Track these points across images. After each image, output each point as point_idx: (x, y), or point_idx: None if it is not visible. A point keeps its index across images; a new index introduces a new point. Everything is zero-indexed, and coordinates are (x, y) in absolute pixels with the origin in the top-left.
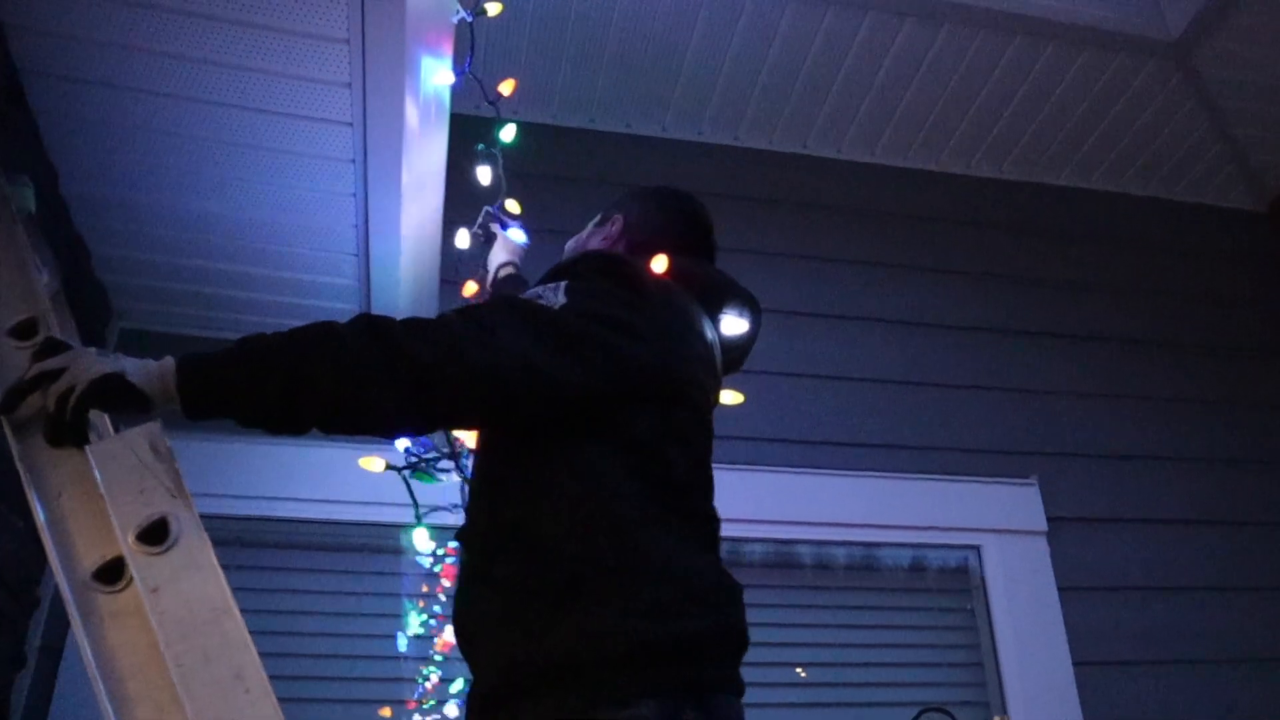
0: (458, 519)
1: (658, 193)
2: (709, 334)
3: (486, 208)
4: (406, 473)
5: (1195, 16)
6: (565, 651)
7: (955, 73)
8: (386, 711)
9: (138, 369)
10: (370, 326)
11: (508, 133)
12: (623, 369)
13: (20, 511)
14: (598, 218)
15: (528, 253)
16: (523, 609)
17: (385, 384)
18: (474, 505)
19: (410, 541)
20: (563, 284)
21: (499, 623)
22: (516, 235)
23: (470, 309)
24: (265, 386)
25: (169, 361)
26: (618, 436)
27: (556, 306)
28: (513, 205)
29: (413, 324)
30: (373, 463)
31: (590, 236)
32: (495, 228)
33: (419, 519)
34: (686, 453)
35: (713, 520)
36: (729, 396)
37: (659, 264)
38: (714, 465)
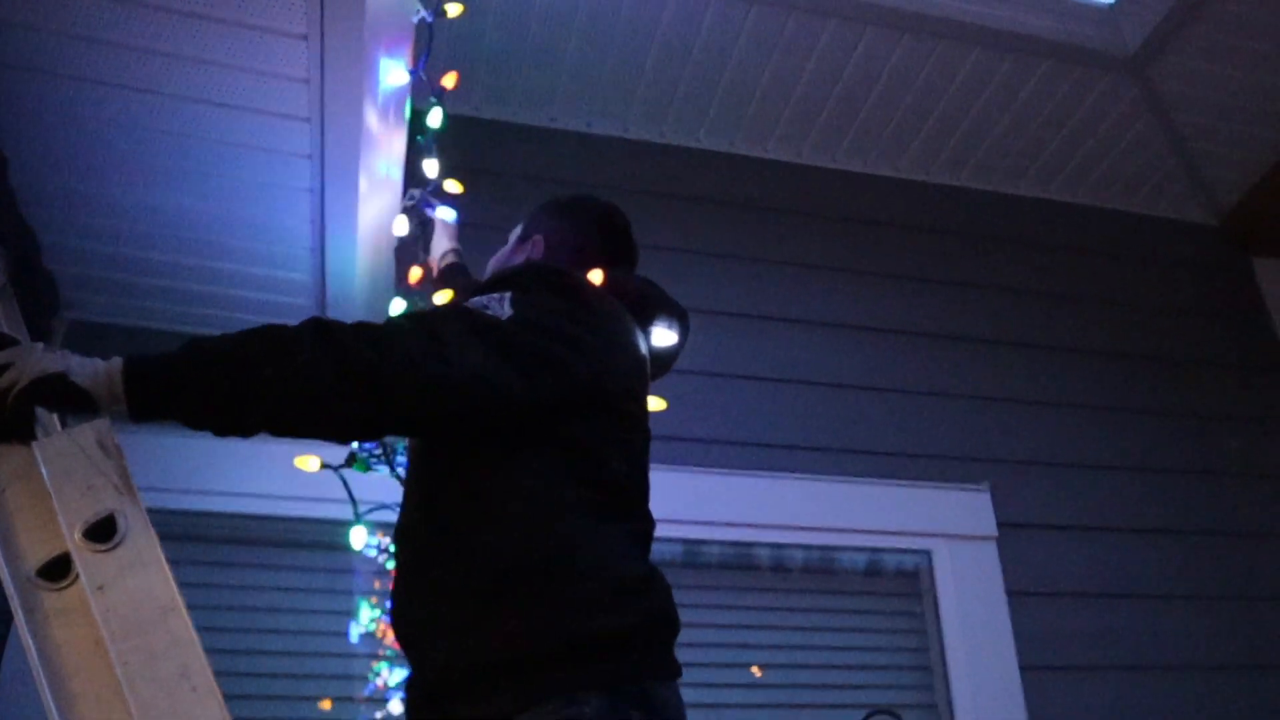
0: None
1: (573, 206)
2: (641, 344)
3: (413, 190)
4: (344, 470)
5: (1152, 31)
6: (502, 650)
7: (915, 81)
8: (327, 704)
9: (83, 369)
10: (321, 332)
11: (434, 118)
12: (565, 381)
13: None
14: (517, 231)
15: (462, 234)
16: (458, 610)
17: (335, 392)
18: (408, 505)
19: (349, 539)
20: (508, 295)
21: (435, 624)
22: (446, 214)
23: (422, 317)
24: (213, 391)
25: (116, 362)
26: (554, 441)
27: (503, 318)
28: (453, 186)
29: (364, 331)
30: (308, 462)
31: (513, 255)
32: (425, 210)
33: (358, 516)
34: (622, 457)
35: (647, 521)
36: (655, 403)
37: (595, 277)
38: (672, 467)
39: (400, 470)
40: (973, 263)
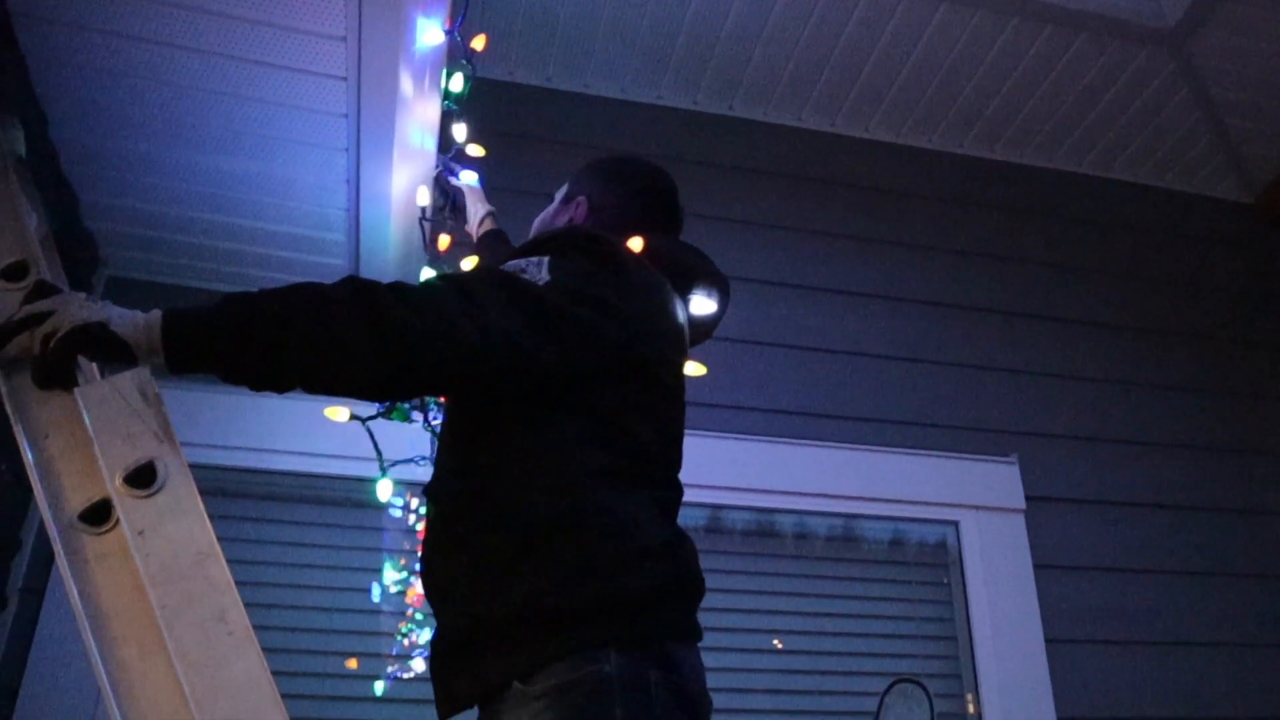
0: (425, 471)
1: (621, 170)
2: (680, 313)
3: (440, 158)
4: (374, 421)
5: (1191, 5)
6: (524, 606)
7: (951, 51)
8: (353, 663)
9: (123, 319)
10: (356, 290)
11: (456, 82)
12: (598, 348)
13: (3, 454)
14: (562, 192)
15: (495, 198)
16: (484, 567)
17: (370, 351)
18: (440, 462)
19: (375, 493)
20: (546, 259)
21: (462, 580)
22: (469, 177)
23: (458, 280)
24: (250, 345)
25: (156, 314)
26: (585, 407)
27: (540, 282)
28: (475, 149)
29: (399, 291)
30: (337, 413)
31: (556, 216)
32: (448, 178)
33: (383, 469)
34: (653, 426)
35: (675, 490)
36: (692, 368)
37: (634, 244)
38: (698, 432)
39: (434, 425)
40: (1005, 236)
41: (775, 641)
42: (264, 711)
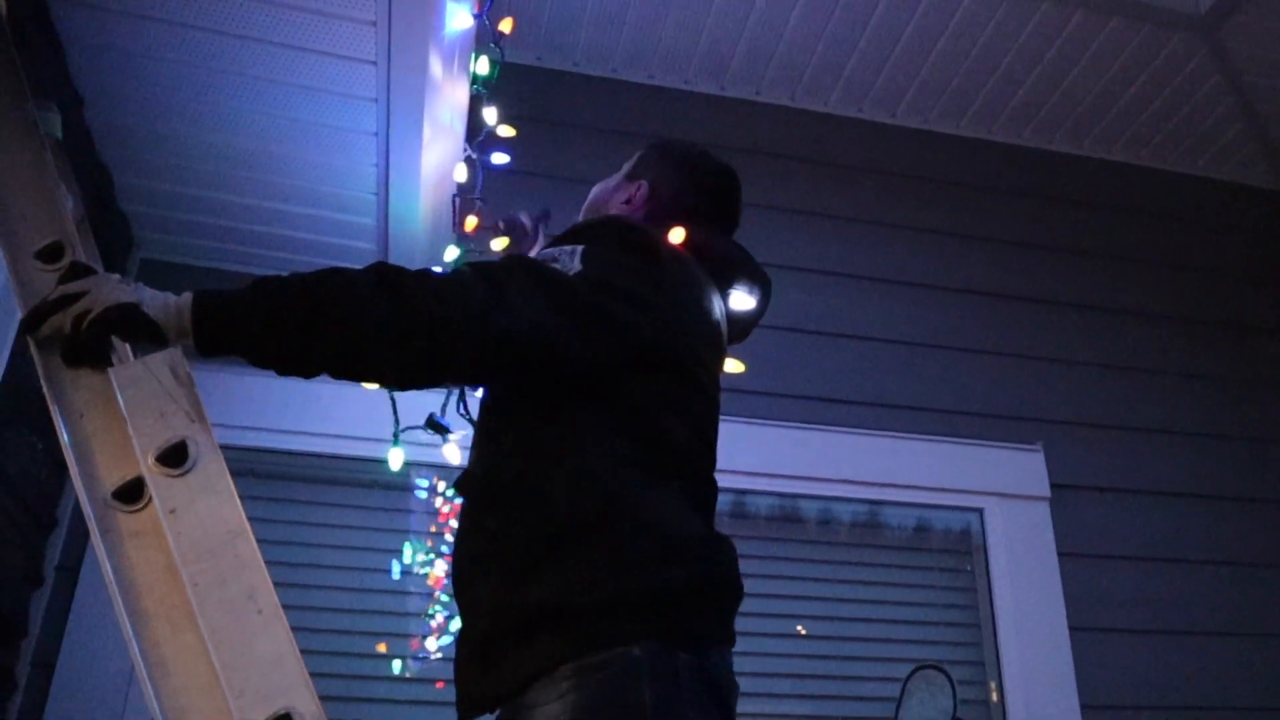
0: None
1: (688, 158)
2: (717, 309)
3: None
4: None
5: None
6: (551, 598)
7: (980, 35)
8: (383, 647)
9: (155, 301)
10: (384, 278)
11: (483, 66)
12: (626, 342)
13: (39, 433)
14: (626, 168)
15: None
16: (511, 559)
17: (394, 338)
18: (474, 457)
19: (387, 461)
20: (579, 249)
21: (488, 571)
22: (499, 159)
23: (486, 268)
24: (277, 331)
25: (187, 297)
26: (614, 401)
27: (571, 273)
28: (506, 130)
29: (427, 279)
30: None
31: (616, 192)
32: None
33: (396, 437)
34: (684, 422)
35: (707, 485)
36: (731, 365)
37: (676, 235)
38: (723, 418)
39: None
40: (1032, 223)
41: (798, 628)
42: (293, 687)
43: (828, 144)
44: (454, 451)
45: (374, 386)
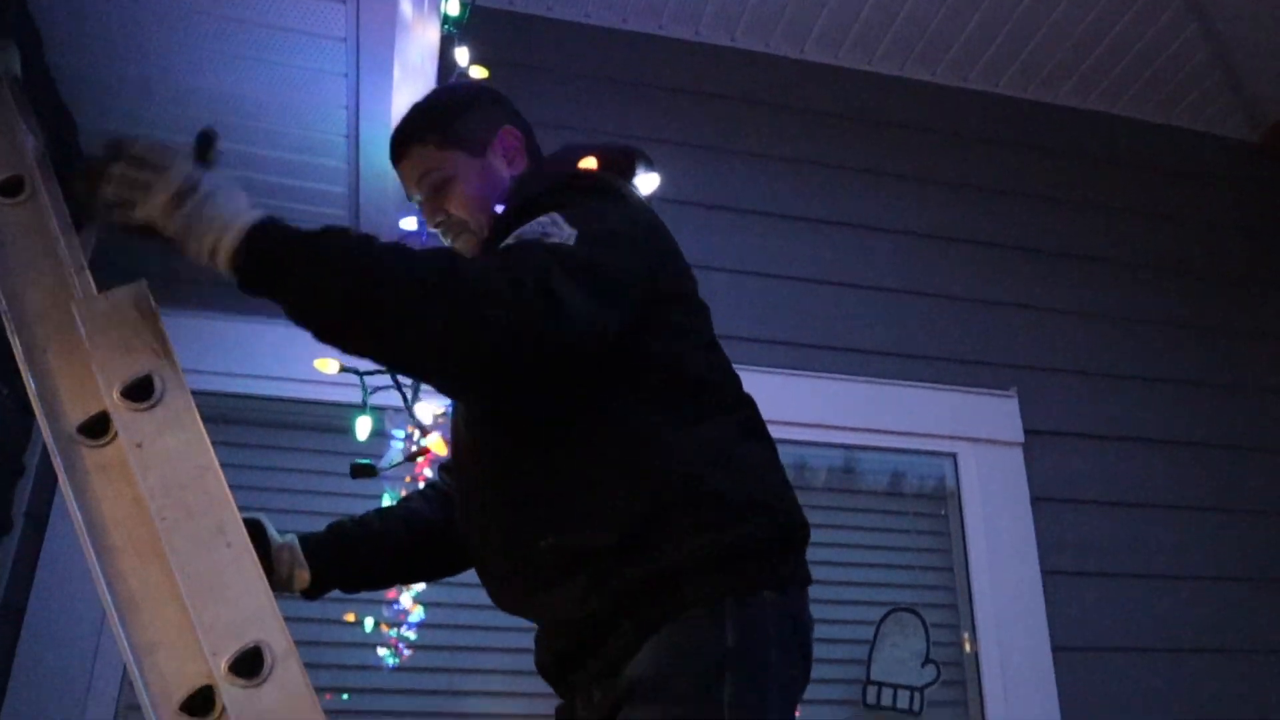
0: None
1: (479, 92)
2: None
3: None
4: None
5: None
6: (649, 575)
7: None
8: (350, 617)
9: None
10: (453, 277)
11: (452, 6)
12: (639, 294)
13: (5, 379)
14: (465, 149)
15: None
16: (588, 553)
17: (445, 341)
18: (493, 448)
19: (360, 435)
20: (558, 216)
21: (567, 575)
22: None
23: (525, 272)
24: (328, 292)
25: (248, 220)
26: (630, 365)
27: (571, 242)
28: (478, 71)
29: (492, 291)
30: (327, 365)
31: (495, 169)
32: None
33: (365, 405)
34: (698, 347)
35: (749, 405)
36: None
37: (589, 163)
38: None
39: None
40: (1007, 170)
41: None
42: (263, 620)
43: (803, 90)
44: (425, 410)
45: (330, 369)
